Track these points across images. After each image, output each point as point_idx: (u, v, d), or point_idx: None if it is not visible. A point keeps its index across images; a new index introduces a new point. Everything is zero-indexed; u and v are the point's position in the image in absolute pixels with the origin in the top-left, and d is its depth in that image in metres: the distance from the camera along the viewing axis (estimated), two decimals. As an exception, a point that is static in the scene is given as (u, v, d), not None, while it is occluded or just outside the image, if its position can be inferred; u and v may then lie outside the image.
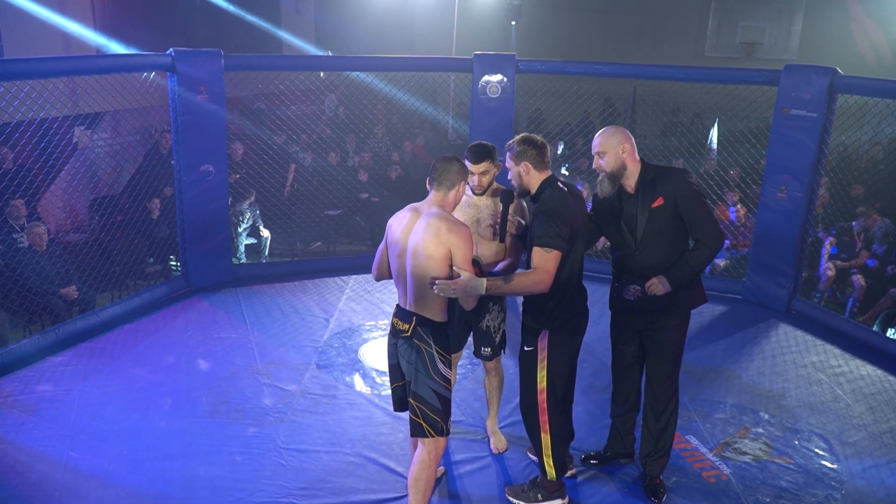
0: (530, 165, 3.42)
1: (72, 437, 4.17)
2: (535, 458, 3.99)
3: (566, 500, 3.73)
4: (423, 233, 3.16)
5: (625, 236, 3.61)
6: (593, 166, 3.64)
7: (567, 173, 9.07)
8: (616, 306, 3.78)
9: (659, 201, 3.51)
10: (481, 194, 3.83)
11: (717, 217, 7.65)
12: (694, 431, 4.46)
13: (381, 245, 3.40)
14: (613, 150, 3.52)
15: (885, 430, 4.58)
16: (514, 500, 3.75)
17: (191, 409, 4.53)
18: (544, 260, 3.27)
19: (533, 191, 3.46)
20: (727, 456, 4.22)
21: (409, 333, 3.26)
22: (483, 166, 3.76)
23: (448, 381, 3.30)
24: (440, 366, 3.25)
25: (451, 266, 3.15)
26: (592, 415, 4.60)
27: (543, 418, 3.56)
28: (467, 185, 3.73)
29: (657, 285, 3.53)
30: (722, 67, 7.73)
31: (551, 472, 3.64)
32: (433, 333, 3.25)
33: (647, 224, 3.54)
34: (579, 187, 7.95)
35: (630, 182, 3.57)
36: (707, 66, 9.11)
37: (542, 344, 3.49)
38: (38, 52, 7.86)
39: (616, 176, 3.55)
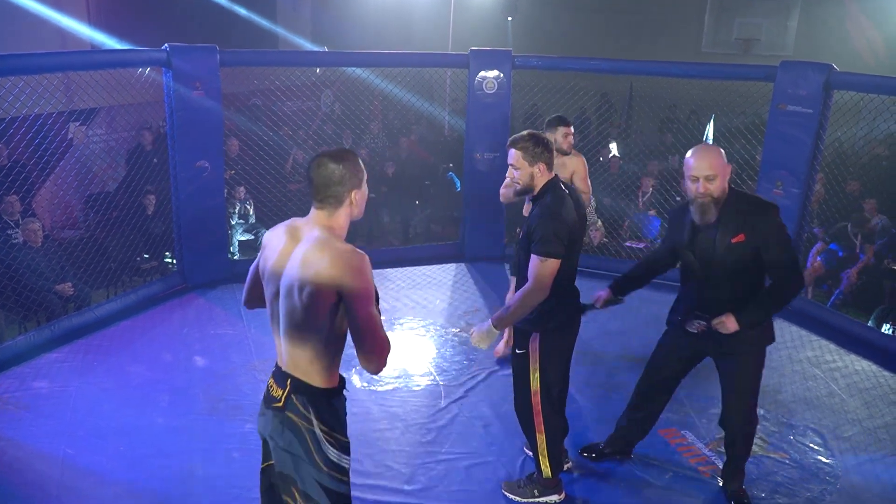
0: (545, 167, 3.36)
1: (69, 435, 4.17)
2: (531, 453, 4.00)
3: (563, 495, 3.74)
4: (298, 267, 2.29)
5: (694, 266, 3.40)
6: (697, 190, 3.23)
7: None
8: (677, 329, 3.63)
9: (740, 237, 3.22)
10: (569, 153, 4.75)
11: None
12: (690, 427, 4.48)
13: (254, 265, 2.60)
14: (723, 173, 3.22)
15: (879, 426, 4.60)
16: (511, 496, 3.76)
17: (188, 406, 4.53)
18: (543, 270, 3.24)
19: (537, 191, 3.40)
20: (723, 451, 4.22)
21: (281, 404, 2.39)
22: (571, 129, 4.74)
23: (345, 471, 2.42)
24: (330, 451, 2.37)
25: (336, 313, 2.30)
26: (588, 411, 4.61)
27: (538, 419, 3.57)
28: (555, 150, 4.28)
29: (725, 325, 3.30)
30: (718, 63, 7.72)
31: (547, 470, 3.65)
32: (315, 405, 2.36)
33: (723, 259, 3.28)
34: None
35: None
36: (704, 62, 9.13)
37: (534, 346, 3.48)
38: (33, 48, 7.80)
39: (719, 203, 3.25)
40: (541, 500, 3.71)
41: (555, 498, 3.72)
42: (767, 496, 3.86)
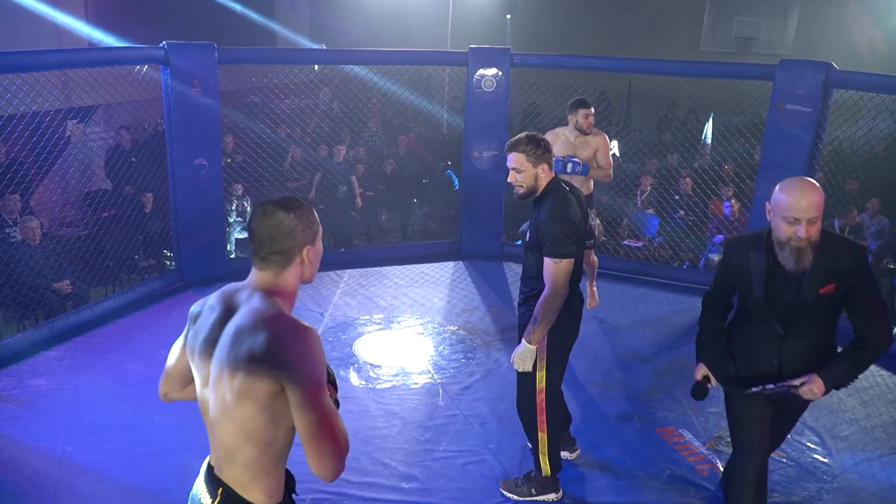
0: (548, 167, 3.39)
1: (67, 432, 4.17)
2: (563, 454, 4.02)
3: (560, 494, 3.74)
4: (229, 348, 1.82)
5: (769, 317, 2.90)
6: (797, 234, 2.70)
7: None
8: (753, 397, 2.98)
9: (830, 288, 2.78)
10: (589, 133, 5.31)
11: (712, 212, 7.69)
12: (687, 425, 4.48)
13: (178, 342, 2.13)
14: (821, 214, 2.73)
15: (876, 425, 4.60)
16: (509, 494, 3.76)
17: (186, 404, 4.49)
18: (558, 271, 3.27)
19: (540, 192, 3.41)
20: (720, 449, 4.24)
21: None
22: (591, 110, 5.32)
23: None
24: None
25: (279, 408, 1.79)
26: (587, 409, 4.61)
27: (542, 417, 3.57)
28: (575, 129, 5.35)
29: (814, 392, 2.83)
30: (717, 62, 7.73)
31: (546, 469, 3.65)
32: None
33: (811, 310, 2.83)
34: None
35: None
36: (702, 60, 9.13)
37: (542, 345, 3.48)
38: (30, 45, 7.81)
39: (814, 246, 2.77)
40: (538, 498, 3.72)
41: (552, 496, 3.72)
42: (765, 494, 3.86)
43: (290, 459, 1.97)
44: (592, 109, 5.47)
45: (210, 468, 2.00)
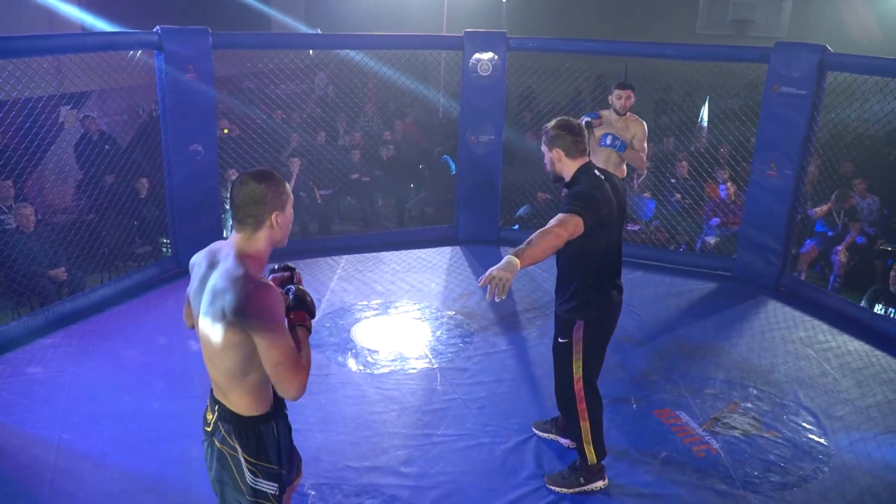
0: (563, 153, 3.33)
1: (64, 420, 4.17)
2: (565, 441, 4.05)
3: (606, 481, 3.74)
4: (208, 300, 2.21)
5: None
6: None
7: None
8: None
9: None
10: (624, 115, 5.49)
11: (708, 195, 7.69)
12: (684, 407, 4.51)
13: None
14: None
15: (871, 405, 4.63)
16: (556, 489, 3.72)
17: (184, 390, 4.53)
18: (561, 219, 3.13)
19: (568, 178, 3.36)
20: (717, 431, 4.27)
21: (209, 428, 2.41)
22: (629, 93, 5.50)
23: (268, 497, 2.36)
24: (254, 479, 2.33)
25: (249, 349, 2.18)
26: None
27: (581, 406, 3.57)
28: (612, 109, 5.56)
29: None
30: (713, 45, 7.70)
31: (592, 457, 3.65)
32: (238, 434, 2.32)
33: None
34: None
35: None
36: (698, 43, 9.09)
37: (578, 335, 3.47)
38: (23, 30, 7.75)
39: None
40: (587, 487, 3.70)
41: (600, 484, 3.71)
42: (760, 474, 3.89)
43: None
44: (630, 92, 5.56)
45: (211, 390, 2.42)
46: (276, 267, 2.59)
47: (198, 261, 2.39)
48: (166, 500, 3.60)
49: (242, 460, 2.31)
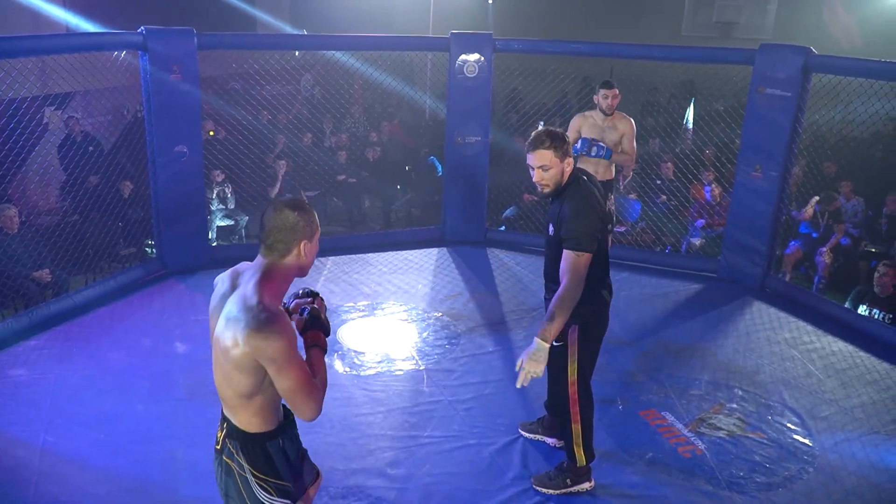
0: (572, 160, 3.37)
1: (48, 422, 4.13)
2: (551, 441, 4.06)
3: (593, 483, 3.75)
4: (223, 323, 2.24)
5: None
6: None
7: None
8: None
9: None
10: (610, 115, 5.59)
11: (693, 196, 7.74)
12: (670, 408, 4.53)
13: None
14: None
15: (856, 405, 4.67)
16: (543, 489, 3.73)
17: (169, 392, 4.50)
18: (578, 263, 3.21)
19: (560, 186, 3.37)
20: (702, 431, 4.29)
21: (219, 446, 2.45)
22: (615, 91, 5.59)
23: None
24: (263, 495, 2.36)
25: (259, 374, 2.21)
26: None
27: (575, 409, 3.58)
28: (599, 110, 5.65)
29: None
30: (698, 47, 7.75)
31: (581, 459, 3.66)
32: (245, 451, 2.35)
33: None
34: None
35: None
36: (684, 45, 9.15)
37: (572, 338, 3.48)
38: (7, 31, 7.68)
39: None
40: (574, 488, 3.71)
41: (587, 485, 3.72)
42: (746, 475, 3.91)
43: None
44: (615, 91, 5.66)
45: (222, 408, 2.45)
46: (301, 292, 2.58)
47: (222, 277, 2.43)
48: (151, 502, 3.58)
49: (250, 476, 2.35)
